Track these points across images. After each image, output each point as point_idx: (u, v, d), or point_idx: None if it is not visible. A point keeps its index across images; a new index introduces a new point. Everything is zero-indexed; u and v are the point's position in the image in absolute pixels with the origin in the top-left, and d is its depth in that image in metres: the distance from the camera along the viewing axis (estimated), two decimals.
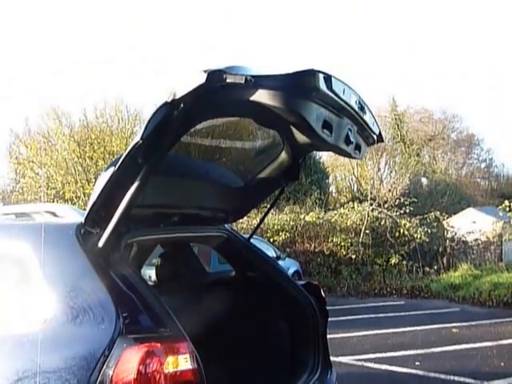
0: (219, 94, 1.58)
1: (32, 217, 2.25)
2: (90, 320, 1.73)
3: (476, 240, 14.75)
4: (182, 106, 1.58)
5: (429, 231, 13.93)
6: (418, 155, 25.66)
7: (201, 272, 3.38)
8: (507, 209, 12.18)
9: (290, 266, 10.75)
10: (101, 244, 1.83)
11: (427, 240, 13.87)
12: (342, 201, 17.36)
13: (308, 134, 1.98)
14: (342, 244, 13.96)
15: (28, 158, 14.83)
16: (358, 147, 2.14)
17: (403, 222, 13.95)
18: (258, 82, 1.57)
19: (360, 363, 5.80)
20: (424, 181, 24.10)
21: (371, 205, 14.59)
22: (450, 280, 12.50)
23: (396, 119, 25.99)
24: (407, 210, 14.13)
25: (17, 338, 1.79)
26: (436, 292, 11.94)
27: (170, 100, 1.56)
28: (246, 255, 2.94)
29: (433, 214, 14.43)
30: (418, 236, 13.75)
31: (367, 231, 14.14)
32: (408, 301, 11.55)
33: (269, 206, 4.65)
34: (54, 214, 2.21)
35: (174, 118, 1.63)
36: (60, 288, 1.83)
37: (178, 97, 1.55)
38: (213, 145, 2.41)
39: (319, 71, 1.70)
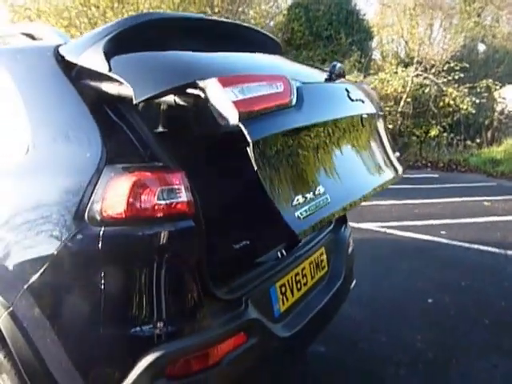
0: None
1: (6, 41, 1.98)
2: (73, 148, 1.57)
3: None
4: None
5: (477, 101, 12.84)
6: (478, 15, 22.77)
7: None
8: None
9: None
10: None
11: (473, 112, 12.87)
12: (386, 67, 15.97)
13: None
14: None
15: (24, 5, 12.61)
16: None
17: (449, 90, 12.79)
18: None
19: (383, 230, 5.77)
20: (481, 47, 21.81)
21: (416, 69, 13.37)
22: (492, 155, 11.95)
23: None
24: (456, 77, 12.84)
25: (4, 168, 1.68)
26: (474, 166, 11.53)
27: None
28: None
29: (484, 82, 13.14)
30: (465, 107, 12.70)
31: (409, 99, 13.23)
32: (443, 174, 11.26)
33: None
34: (31, 37, 1.93)
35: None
36: (40, 113, 1.66)
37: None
38: None
39: None
